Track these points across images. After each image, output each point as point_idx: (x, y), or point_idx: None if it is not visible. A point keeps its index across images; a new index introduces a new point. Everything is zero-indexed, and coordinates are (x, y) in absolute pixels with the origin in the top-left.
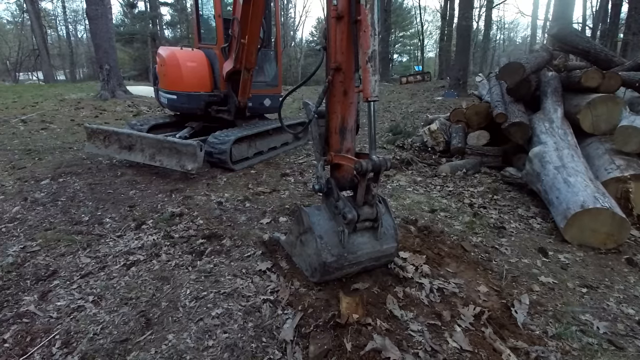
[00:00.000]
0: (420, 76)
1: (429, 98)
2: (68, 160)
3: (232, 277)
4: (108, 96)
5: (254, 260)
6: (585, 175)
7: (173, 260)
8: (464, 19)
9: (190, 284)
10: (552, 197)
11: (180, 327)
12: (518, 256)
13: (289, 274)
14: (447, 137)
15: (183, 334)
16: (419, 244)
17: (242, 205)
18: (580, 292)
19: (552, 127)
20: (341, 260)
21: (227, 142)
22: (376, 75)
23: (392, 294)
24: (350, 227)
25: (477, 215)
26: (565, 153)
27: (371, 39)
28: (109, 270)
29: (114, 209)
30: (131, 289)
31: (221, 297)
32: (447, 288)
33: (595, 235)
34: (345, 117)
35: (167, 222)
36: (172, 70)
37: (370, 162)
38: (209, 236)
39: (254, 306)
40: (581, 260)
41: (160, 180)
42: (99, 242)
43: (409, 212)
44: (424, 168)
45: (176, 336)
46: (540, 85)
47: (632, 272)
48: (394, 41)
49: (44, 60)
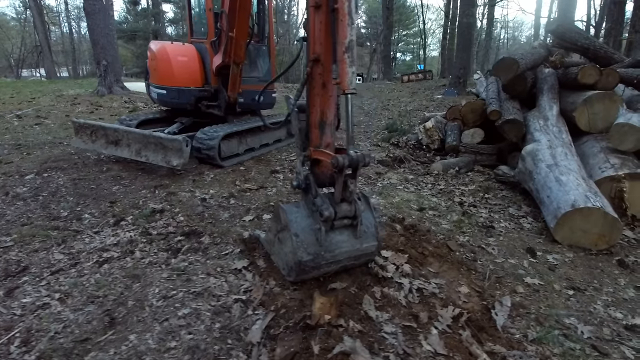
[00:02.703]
0: (422, 75)
1: (429, 96)
2: (56, 155)
3: (205, 275)
4: (105, 92)
5: (231, 258)
6: (577, 173)
7: (147, 258)
8: (464, 16)
9: (161, 283)
10: (544, 196)
11: (144, 328)
12: (505, 256)
13: (265, 273)
14: (443, 135)
15: (146, 334)
16: (403, 243)
17: (227, 202)
18: (567, 295)
19: (547, 124)
20: (318, 259)
21: (215, 138)
22: (353, 66)
23: (370, 294)
24: (327, 224)
25: (467, 214)
26: (558, 151)
27: (348, 28)
28: (81, 267)
29: (94, 204)
30: (100, 287)
31: (190, 296)
32: (427, 288)
33: (587, 235)
34: (324, 110)
35: (146, 219)
36: (163, 65)
37: (347, 157)
38: (188, 233)
39: (224, 306)
40: (570, 261)
41: (145, 176)
42: (74, 238)
43: (397, 211)
44: (416, 166)
45: (138, 337)
46: (537, 82)
47: (622, 274)
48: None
49: (46, 57)
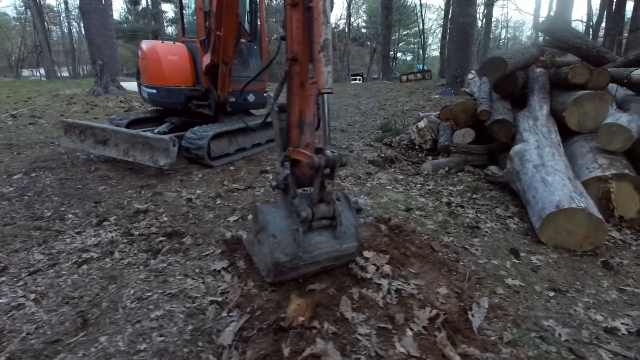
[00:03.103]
0: (421, 74)
1: (427, 96)
2: (46, 155)
3: (182, 277)
4: (101, 92)
5: (212, 259)
6: (564, 174)
7: (126, 259)
8: (461, 15)
9: (137, 284)
10: (530, 196)
11: (116, 329)
12: (488, 257)
13: (244, 274)
14: (435, 135)
15: (117, 336)
16: (386, 244)
17: (213, 202)
18: (547, 296)
19: (536, 124)
20: (296, 260)
21: (204, 138)
22: (329, 65)
23: (348, 295)
24: (305, 225)
25: (453, 214)
26: (546, 151)
27: (323, 27)
28: (59, 267)
29: (79, 204)
30: (76, 288)
31: (165, 298)
32: (406, 289)
33: (571, 236)
34: (303, 110)
35: (129, 219)
36: (153, 64)
37: (323, 157)
38: (170, 234)
39: (199, 308)
40: (554, 262)
41: (133, 175)
42: (56, 239)
43: (384, 211)
44: (407, 166)
45: (109, 339)
46: (528, 82)
47: (606, 276)
48: (398, 39)
49: (46, 57)
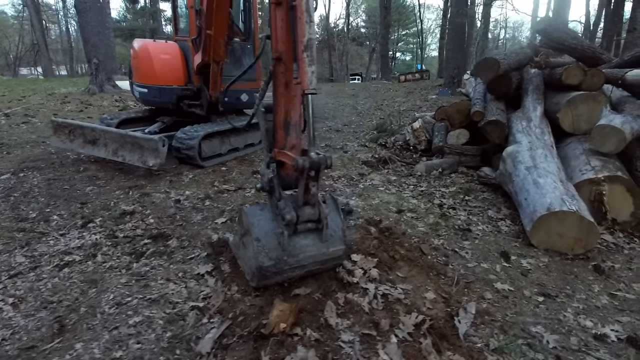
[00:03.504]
0: (419, 74)
1: (424, 96)
2: (35, 155)
3: (164, 281)
4: (96, 90)
5: (196, 262)
6: (556, 176)
7: (109, 262)
8: (458, 15)
9: (117, 289)
10: (521, 198)
11: (93, 336)
12: (478, 260)
13: (228, 278)
14: (430, 135)
15: (93, 343)
16: (375, 246)
17: (201, 204)
18: (537, 301)
19: (530, 125)
20: (280, 264)
21: (195, 138)
22: (313, 65)
23: (333, 300)
24: (290, 228)
25: (445, 216)
26: (538, 153)
27: (307, 26)
28: (40, 270)
29: (65, 205)
30: (56, 292)
31: (145, 303)
32: (393, 294)
33: (563, 239)
34: (288, 110)
35: (115, 221)
36: (144, 63)
37: (307, 159)
38: (155, 236)
39: (180, 314)
40: (545, 266)
41: (122, 176)
42: (39, 241)
43: (375, 213)
44: (400, 167)
45: (85, 345)
46: (522, 83)
47: (597, 280)
48: (397, 39)
49: (43, 55)
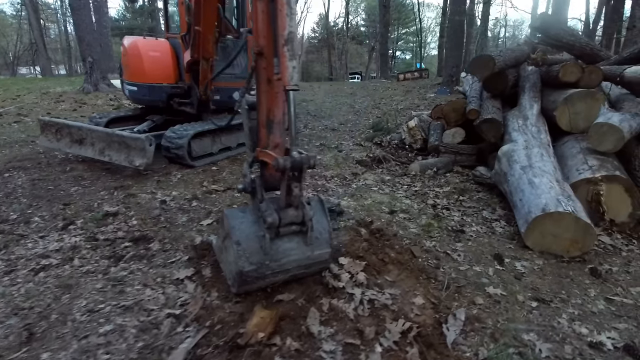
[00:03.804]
0: (418, 73)
1: (422, 95)
2: (23, 154)
3: (141, 286)
4: (91, 89)
5: (177, 266)
6: (552, 176)
7: (86, 266)
8: (456, 13)
9: (91, 295)
10: (516, 199)
11: (61, 345)
12: (470, 263)
13: (209, 283)
14: (426, 134)
15: (60, 353)
16: (365, 249)
17: (188, 205)
18: (530, 307)
19: (526, 124)
20: (262, 269)
21: (184, 137)
22: (294, 60)
23: (317, 306)
24: (271, 231)
25: (438, 217)
26: (534, 152)
27: (287, 19)
28: (16, 274)
29: (47, 206)
30: (29, 298)
31: (118, 310)
32: (380, 299)
33: (558, 241)
34: (271, 108)
35: (97, 223)
36: (134, 60)
37: (289, 159)
38: (137, 239)
39: (154, 322)
40: (539, 269)
41: (109, 176)
42: (17, 243)
43: (367, 213)
44: (394, 167)
45: (52, 355)
46: (519, 80)
47: (593, 284)
48: (397, 38)
49: (42, 54)
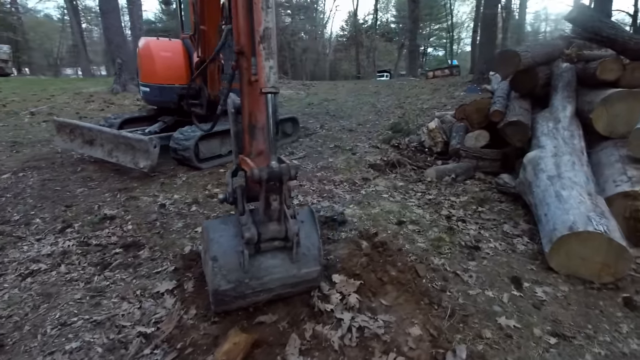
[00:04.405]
0: (449, 70)
1: (451, 94)
2: (41, 154)
3: (119, 300)
4: (119, 90)
5: (160, 278)
6: (583, 188)
7: (72, 273)
8: (488, 6)
9: (68, 306)
10: (541, 213)
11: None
12: (482, 287)
13: (189, 299)
14: (447, 136)
15: None
16: (363, 265)
17: (187, 209)
18: (547, 343)
19: (557, 127)
20: (241, 288)
21: (192, 138)
22: (271, 60)
23: (300, 332)
24: (251, 247)
25: (451, 230)
26: (564, 160)
27: (263, 13)
28: (4, 279)
29: (50, 208)
30: (10, 305)
31: (89, 325)
32: (371, 327)
33: (587, 264)
34: (253, 111)
35: (93, 226)
36: (146, 62)
37: (265, 169)
38: (128, 245)
39: (123, 340)
40: (563, 296)
41: (116, 177)
42: (14, 245)
43: (372, 223)
44: (410, 171)
45: None
46: (551, 79)
47: (627, 318)
48: (428, 34)
49: (82, 56)
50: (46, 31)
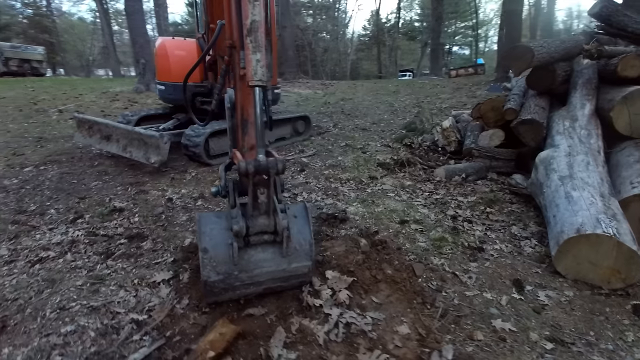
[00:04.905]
0: (473, 69)
1: (473, 93)
2: (63, 149)
3: (116, 287)
4: (143, 89)
5: (159, 268)
6: (596, 189)
7: (77, 261)
8: (511, 3)
9: (69, 291)
10: (550, 214)
11: (25, 341)
12: (481, 288)
13: (184, 289)
14: (461, 135)
15: (20, 349)
16: (359, 263)
17: (193, 203)
18: (543, 349)
19: (574, 126)
20: (230, 280)
21: (202, 135)
22: (258, 53)
23: (287, 325)
24: (240, 240)
25: (455, 230)
26: (578, 160)
27: (250, 6)
28: (15, 265)
29: (65, 200)
30: (17, 289)
31: (86, 310)
32: (358, 324)
33: (596, 269)
34: (244, 106)
35: (103, 218)
36: (161, 61)
37: (252, 162)
38: (133, 236)
39: (116, 326)
40: (567, 301)
41: (130, 172)
42: (27, 234)
43: (374, 222)
44: (419, 171)
45: (12, 351)
46: (571, 76)
47: (634, 326)
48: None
49: (112, 57)
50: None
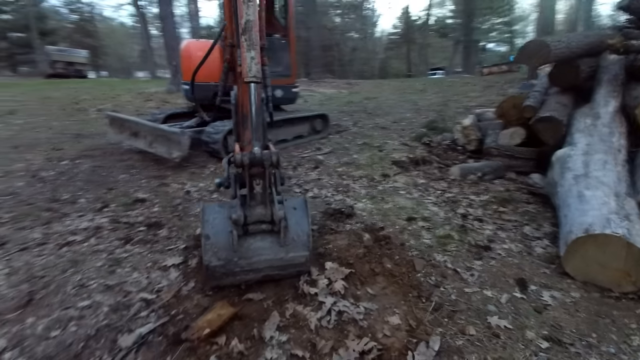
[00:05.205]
0: (507, 66)
1: (504, 91)
2: (97, 145)
3: (131, 269)
4: (174, 89)
5: (171, 254)
6: (611, 189)
7: (100, 245)
8: None
9: (89, 271)
10: (562, 214)
11: (46, 312)
12: (482, 286)
13: (191, 273)
14: (482, 134)
15: (42, 320)
16: (359, 256)
17: (209, 196)
18: (538, 347)
19: (595, 124)
20: (230, 266)
21: (220, 132)
22: (252, 51)
23: (281, 310)
24: (238, 228)
25: (463, 228)
26: (595, 158)
27: (244, 6)
28: (45, 247)
29: (95, 190)
30: (44, 268)
31: (102, 288)
32: (350, 312)
33: (605, 271)
34: (244, 102)
35: (126, 207)
36: (185, 61)
37: (247, 155)
38: (151, 224)
39: (127, 304)
40: (572, 302)
41: (155, 166)
42: (59, 220)
43: (381, 218)
44: (433, 169)
45: (35, 321)
46: (597, 72)
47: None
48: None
49: (149, 60)
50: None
